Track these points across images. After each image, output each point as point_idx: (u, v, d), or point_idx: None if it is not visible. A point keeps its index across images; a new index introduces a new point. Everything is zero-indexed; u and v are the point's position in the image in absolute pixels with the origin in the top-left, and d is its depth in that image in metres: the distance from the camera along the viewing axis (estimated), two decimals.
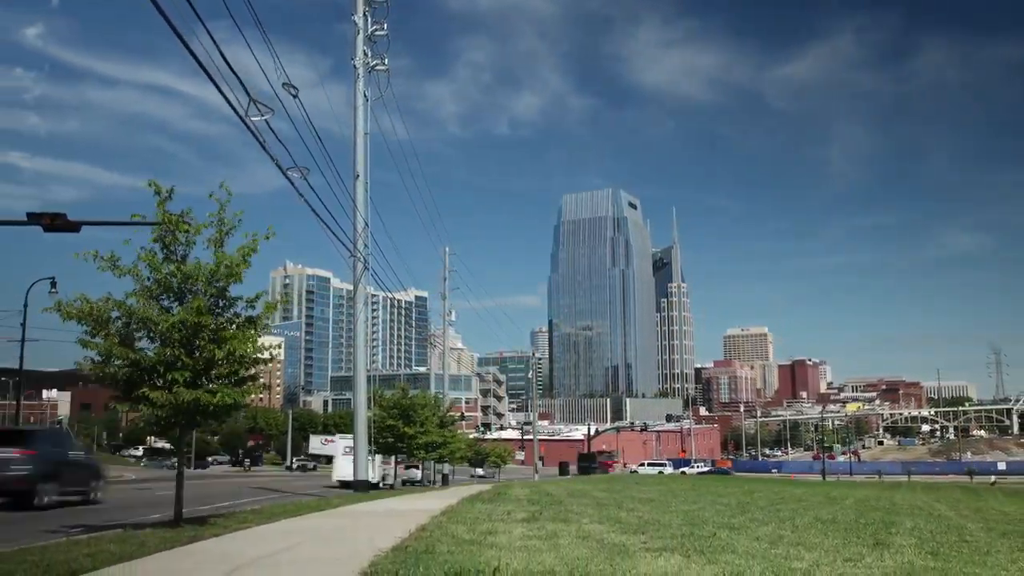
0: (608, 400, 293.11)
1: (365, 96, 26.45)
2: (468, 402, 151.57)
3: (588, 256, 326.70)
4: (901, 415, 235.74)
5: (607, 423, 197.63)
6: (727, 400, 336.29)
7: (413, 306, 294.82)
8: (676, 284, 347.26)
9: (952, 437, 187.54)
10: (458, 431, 49.02)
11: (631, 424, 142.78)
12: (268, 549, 8.86)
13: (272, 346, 13.57)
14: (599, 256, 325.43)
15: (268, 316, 12.40)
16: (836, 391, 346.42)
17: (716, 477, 61.55)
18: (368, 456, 27.87)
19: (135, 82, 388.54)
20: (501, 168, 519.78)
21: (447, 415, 42.43)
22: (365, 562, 7.27)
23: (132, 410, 12.03)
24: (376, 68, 26.54)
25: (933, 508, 20.20)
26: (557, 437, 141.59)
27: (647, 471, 77.90)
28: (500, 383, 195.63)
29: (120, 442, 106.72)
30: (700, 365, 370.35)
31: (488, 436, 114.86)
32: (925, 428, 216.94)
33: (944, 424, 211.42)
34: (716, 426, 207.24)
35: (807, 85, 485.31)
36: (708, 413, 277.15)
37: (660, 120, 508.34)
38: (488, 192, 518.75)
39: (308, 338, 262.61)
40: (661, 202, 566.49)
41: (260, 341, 12.17)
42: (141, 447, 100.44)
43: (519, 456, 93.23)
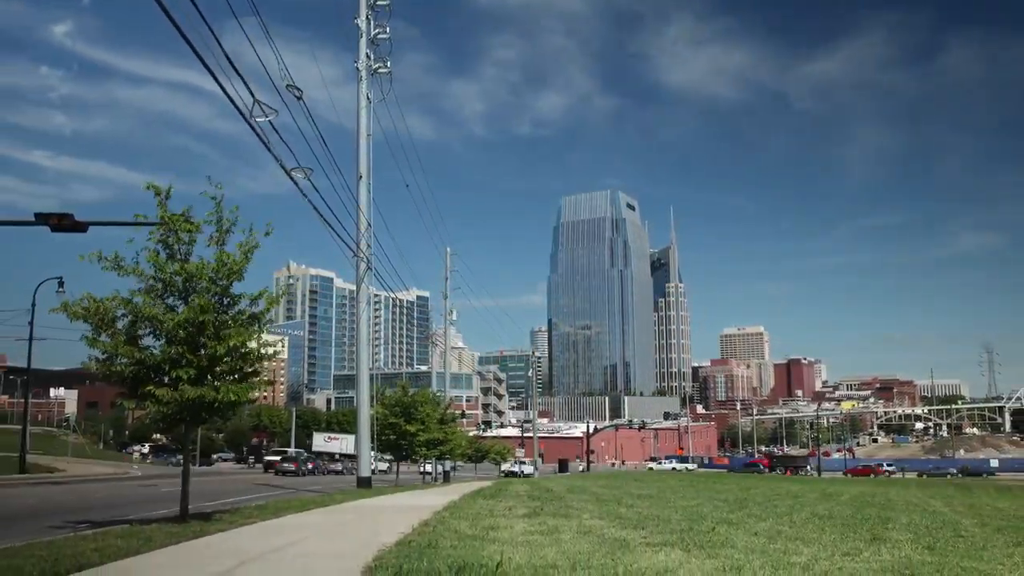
0: (607, 398, 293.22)
1: (368, 98, 26.44)
2: (469, 400, 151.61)
3: (587, 257, 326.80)
4: (895, 413, 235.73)
5: (606, 421, 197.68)
6: (724, 398, 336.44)
7: (415, 305, 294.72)
8: (674, 284, 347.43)
9: (945, 435, 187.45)
10: (459, 429, 48.94)
11: (629, 422, 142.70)
12: (273, 544, 8.83)
13: (275, 342, 13.53)
14: (598, 257, 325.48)
15: (270, 311, 12.35)
16: (831, 389, 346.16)
17: (714, 474, 61.55)
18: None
19: (162, 80, 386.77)
20: (503, 168, 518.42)
21: (448, 413, 42.34)
22: (369, 556, 7.25)
23: (138, 408, 11.98)
24: (379, 71, 26.52)
25: (927, 504, 20.17)
26: (556, 435, 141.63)
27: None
28: (500, 381, 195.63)
29: (126, 439, 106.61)
30: (697, 364, 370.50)
31: (488, 434, 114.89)
32: (919, 426, 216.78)
33: (937, 422, 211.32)
34: (713, 424, 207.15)
35: (831, 84, 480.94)
36: (705, 411, 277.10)
37: (680, 119, 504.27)
38: (490, 192, 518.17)
39: (311, 337, 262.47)
40: (662, 201, 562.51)
41: (263, 338, 12.15)
42: (147, 444, 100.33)
43: (519, 453, 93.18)
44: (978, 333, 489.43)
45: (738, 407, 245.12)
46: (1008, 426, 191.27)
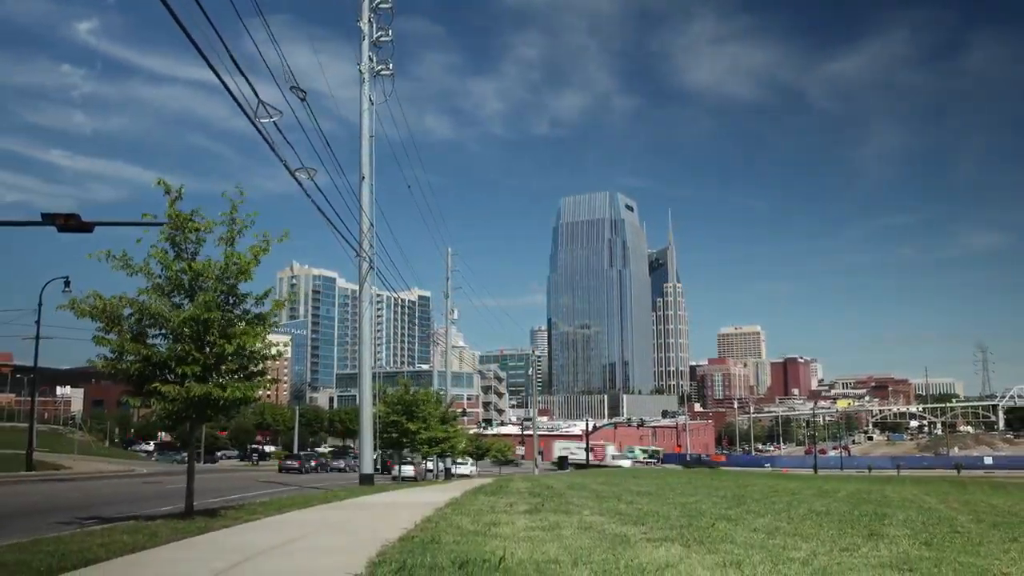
0: (605, 397, 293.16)
1: (370, 100, 26.41)
2: (470, 398, 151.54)
3: (586, 257, 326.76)
4: (890, 411, 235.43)
5: (604, 419, 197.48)
6: (721, 397, 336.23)
7: (416, 305, 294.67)
8: (672, 284, 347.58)
9: (940, 433, 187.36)
10: (460, 427, 48.90)
11: (628, 420, 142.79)
12: (278, 539, 8.81)
13: (279, 343, 13.53)
14: (597, 257, 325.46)
15: (276, 313, 12.34)
16: (827, 388, 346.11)
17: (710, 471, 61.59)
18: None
19: (182, 79, 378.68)
20: (517, 168, 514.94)
21: (449, 411, 42.31)
22: (373, 552, 7.23)
23: (144, 406, 11.96)
24: (381, 73, 26.50)
25: (923, 501, 20.12)
26: (556, 433, 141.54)
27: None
28: (501, 380, 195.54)
29: (131, 437, 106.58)
30: (695, 363, 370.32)
31: (489, 431, 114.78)
32: (913, 424, 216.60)
33: (932, 420, 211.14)
34: (710, 422, 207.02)
35: (849, 83, 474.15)
36: (703, 409, 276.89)
37: (693, 120, 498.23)
38: (503, 191, 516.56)
39: (314, 336, 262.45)
40: (670, 201, 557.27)
41: (268, 338, 12.13)
42: (152, 442, 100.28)
43: (519, 451, 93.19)
44: (973, 333, 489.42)
45: (735, 405, 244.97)
46: (1002, 424, 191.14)
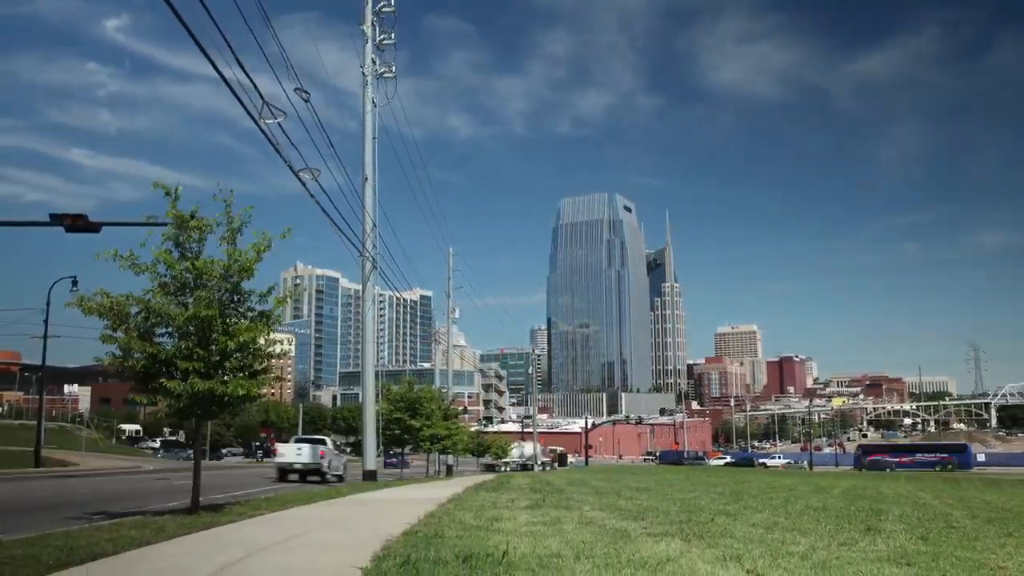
0: (604, 395, 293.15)
1: (373, 102, 26.41)
2: (471, 396, 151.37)
3: (585, 257, 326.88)
4: (884, 409, 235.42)
5: (603, 416, 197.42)
6: (718, 395, 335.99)
7: (418, 305, 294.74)
8: (669, 284, 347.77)
9: (933, 430, 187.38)
10: (461, 424, 48.88)
11: (626, 418, 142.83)
12: (283, 534, 8.78)
13: (282, 340, 13.53)
14: (596, 258, 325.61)
15: (279, 310, 12.34)
16: (822, 386, 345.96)
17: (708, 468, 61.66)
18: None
19: (206, 77, 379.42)
20: (510, 168, 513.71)
21: (450, 408, 42.29)
22: (377, 546, 7.20)
23: (150, 403, 11.94)
24: (384, 75, 26.50)
25: (918, 497, 20.09)
26: (556, 430, 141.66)
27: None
28: (501, 378, 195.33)
29: (137, 435, 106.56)
30: (692, 361, 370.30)
31: (489, 429, 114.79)
32: (907, 421, 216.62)
33: (925, 418, 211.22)
34: (707, 420, 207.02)
35: (872, 82, 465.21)
36: (700, 407, 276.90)
37: (710, 118, 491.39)
38: (497, 192, 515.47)
39: (318, 335, 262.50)
40: (675, 200, 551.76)
41: (272, 335, 12.13)
42: (158, 439, 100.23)
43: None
44: (967, 332, 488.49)
45: (732, 403, 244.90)
46: (994, 422, 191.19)
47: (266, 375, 12.24)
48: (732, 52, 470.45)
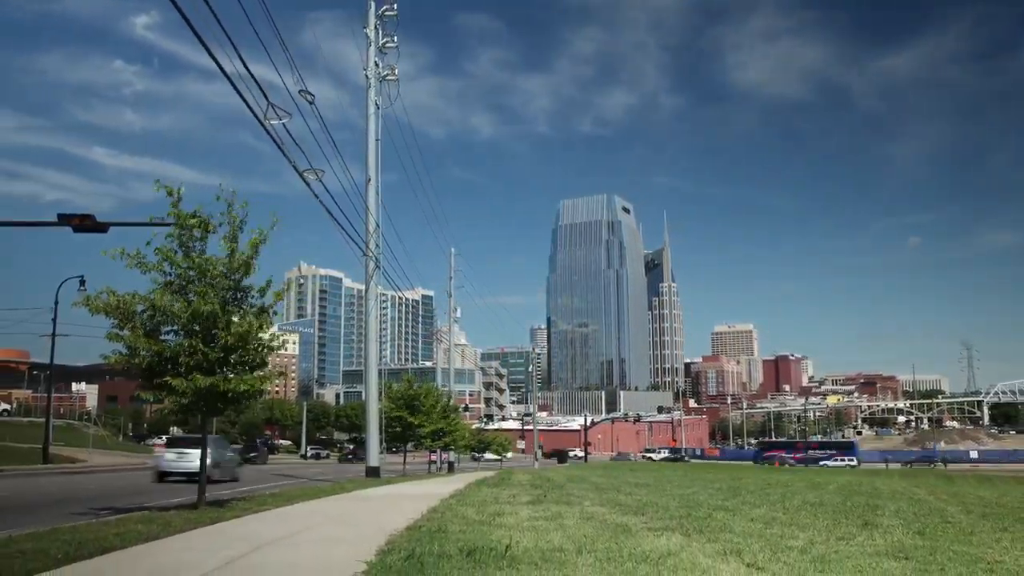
0: (603, 393, 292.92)
1: (376, 104, 26.38)
2: (471, 394, 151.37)
3: (584, 258, 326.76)
4: (878, 407, 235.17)
5: (602, 414, 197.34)
6: (715, 393, 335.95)
7: (420, 304, 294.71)
8: (667, 284, 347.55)
9: (926, 428, 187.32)
10: (461, 421, 48.85)
11: (625, 415, 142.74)
12: (288, 529, 8.75)
13: (281, 334, 13.52)
14: (595, 258, 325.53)
15: (276, 303, 12.36)
16: (817, 384, 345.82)
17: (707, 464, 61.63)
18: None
19: (232, 75, 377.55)
20: (519, 168, 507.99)
21: (451, 405, 42.27)
22: (382, 540, 7.17)
23: (156, 400, 11.93)
24: (387, 78, 26.48)
25: (913, 493, 20.07)
26: (555, 427, 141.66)
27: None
28: (501, 377, 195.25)
29: (143, 432, 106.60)
30: (689, 360, 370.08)
31: (490, 426, 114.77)
32: (901, 419, 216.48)
33: (919, 415, 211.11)
34: (705, 417, 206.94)
35: (895, 81, 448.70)
36: (697, 405, 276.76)
37: (728, 118, 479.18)
38: (494, 192, 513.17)
39: (321, 334, 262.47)
40: (665, 202, 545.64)
41: (272, 329, 12.13)
42: (164, 437, 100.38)
43: (520, 445, 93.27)
44: (960, 331, 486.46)
45: (728, 401, 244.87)
46: (987, 419, 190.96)
47: (265, 367, 12.23)
48: (758, 50, 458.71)
